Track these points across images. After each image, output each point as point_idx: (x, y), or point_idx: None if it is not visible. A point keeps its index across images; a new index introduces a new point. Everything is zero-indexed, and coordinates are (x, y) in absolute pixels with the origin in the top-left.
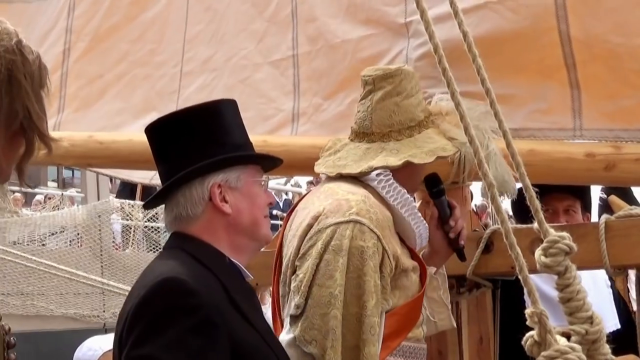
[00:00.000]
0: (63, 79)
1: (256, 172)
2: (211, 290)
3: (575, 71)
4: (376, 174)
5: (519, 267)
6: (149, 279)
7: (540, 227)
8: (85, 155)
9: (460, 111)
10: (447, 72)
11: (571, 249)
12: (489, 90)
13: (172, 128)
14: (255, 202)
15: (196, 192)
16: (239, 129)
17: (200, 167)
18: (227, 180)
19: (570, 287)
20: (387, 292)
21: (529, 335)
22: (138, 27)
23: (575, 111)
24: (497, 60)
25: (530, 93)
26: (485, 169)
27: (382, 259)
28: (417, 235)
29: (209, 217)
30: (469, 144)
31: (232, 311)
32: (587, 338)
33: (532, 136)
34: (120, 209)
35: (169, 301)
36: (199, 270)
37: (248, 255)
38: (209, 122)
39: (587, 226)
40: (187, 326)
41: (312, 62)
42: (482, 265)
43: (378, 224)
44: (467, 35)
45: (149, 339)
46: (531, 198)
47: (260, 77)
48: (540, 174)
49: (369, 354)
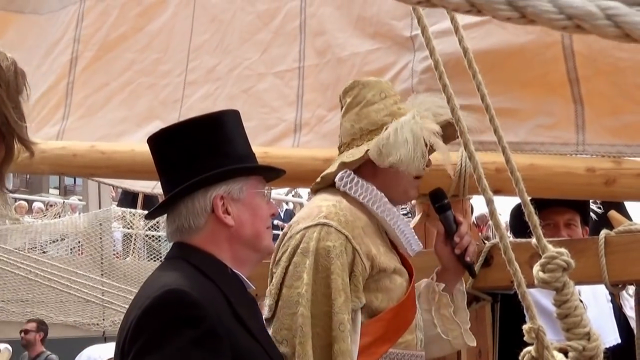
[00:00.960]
0: (69, 88)
1: (259, 183)
2: (214, 301)
3: (578, 86)
4: (339, 178)
5: (518, 283)
6: (153, 290)
7: (538, 243)
8: (87, 165)
9: (460, 127)
10: (447, 89)
11: (569, 265)
12: (488, 107)
13: (174, 139)
14: (258, 213)
15: (199, 204)
16: (242, 140)
17: (203, 179)
18: (230, 192)
19: (568, 303)
20: (358, 290)
21: (526, 351)
22: (144, 37)
23: (579, 126)
24: (502, 74)
25: (534, 107)
26: (484, 184)
27: (353, 259)
28: (398, 233)
29: (212, 228)
30: (469, 160)
31: (234, 322)
32: (585, 354)
33: (534, 150)
34: (121, 218)
35: (172, 313)
36: (202, 282)
37: (250, 266)
38: (212, 132)
39: (586, 241)
40: (190, 338)
41: (318, 74)
42: (481, 278)
43: (347, 225)
44: (467, 51)
45: (152, 350)
46: (530, 214)
47: (263, 87)
48: (541, 188)
49: (339, 351)
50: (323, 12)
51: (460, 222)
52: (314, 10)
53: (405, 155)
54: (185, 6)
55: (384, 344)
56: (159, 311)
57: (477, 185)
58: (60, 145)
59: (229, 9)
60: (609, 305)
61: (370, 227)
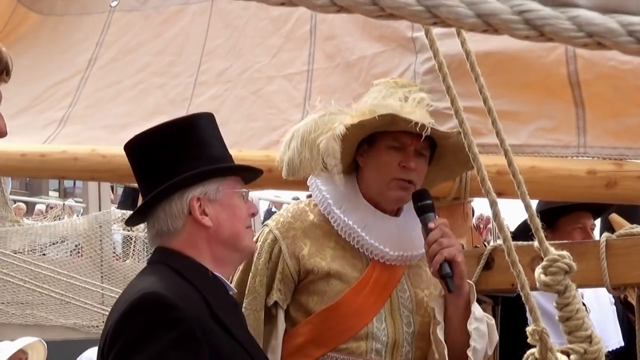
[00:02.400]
0: (82, 82)
1: (236, 183)
2: (192, 303)
3: (579, 89)
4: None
5: (521, 285)
6: (131, 294)
7: (540, 246)
8: (88, 169)
9: (464, 129)
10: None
11: (571, 267)
12: (491, 109)
13: (148, 144)
14: (236, 213)
15: (176, 207)
16: (217, 142)
17: (178, 182)
18: (206, 193)
19: (569, 306)
20: (280, 288)
21: (529, 353)
22: (162, 42)
23: (580, 129)
24: (503, 77)
25: (535, 110)
26: (487, 186)
27: (278, 258)
28: (349, 240)
29: (190, 230)
30: (472, 161)
31: (213, 324)
32: (586, 357)
33: (535, 153)
34: (121, 220)
35: (149, 316)
36: (180, 285)
37: (231, 267)
38: (185, 136)
39: (587, 244)
40: (167, 340)
41: (327, 77)
42: (482, 281)
43: (282, 226)
44: (470, 54)
45: (130, 353)
46: (531, 217)
47: (272, 90)
48: (542, 191)
49: None
50: (334, 17)
51: (430, 228)
52: (325, 15)
53: (291, 160)
54: (202, 14)
55: (318, 348)
56: (136, 314)
57: (481, 187)
58: (61, 150)
59: (243, 15)
60: (612, 308)
61: (320, 229)
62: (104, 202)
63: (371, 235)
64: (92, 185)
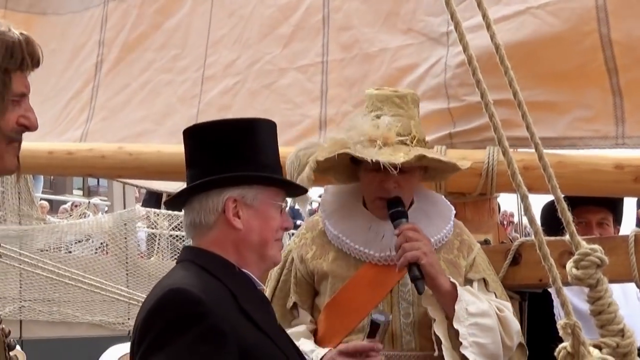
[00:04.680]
0: (94, 92)
1: (276, 195)
2: (218, 298)
3: (617, 76)
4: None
5: (553, 279)
6: (158, 291)
7: (572, 239)
8: (115, 166)
9: (494, 123)
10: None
11: (603, 261)
12: (520, 103)
13: (205, 136)
14: (269, 223)
15: (212, 202)
16: (270, 150)
17: (218, 180)
18: (244, 196)
19: (601, 299)
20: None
21: (562, 347)
22: (163, 35)
23: (618, 118)
24: (537, 66)
25: (572, 100)
26: (518, 180)
27: (291, 266)
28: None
29: (220, 228)
30: (503, 155)
31: (241, 318)
32: (618, 351)
33: (573, 145)
34: (145, 218)
35: (176, 311)
36: (207, 280)
37: (257, 270)
38: (241, 137)
39: (616, 239)
40: (194, 335)
41: (343, 69)
42: (509, 277)
43: (298, 235)
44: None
45: (157, 348)
46: (563, 210)
47: (286, 83)
48: (569, 185)
49: None
50: (349, 7)
51: (395, 234)
52: (339, 4)
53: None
54: (202, 1)
55: (327, 343)
56: (163, 310)
57: (512, 180)
58: (88, 147)
59: (248, 3)
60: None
61: (325, 237)
62: (129, 200)
63: (357, 241)
64: (117, 183)
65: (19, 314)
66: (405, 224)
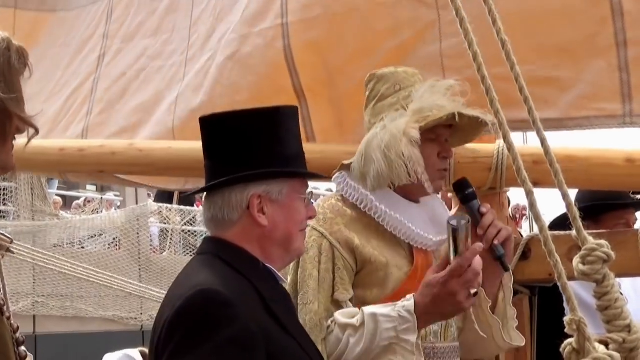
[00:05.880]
0: (95, 84)
1: (301, 186)
2: (247, 299)
3: (625, 50)
4: (334, 179)
5: (558, 274)
6: (185, 289)
7: (578, 235)
8: (126, 162)
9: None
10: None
11: (609, 257)
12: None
13: (225, 126)
14: (293, 216)
15: (235, 198)
16: (294, 139)
17: (243, 177)
18: (269, 192)
19: (608, 295)
20: (345, 282)
21: (567, 343)
22: (156, 20)
23: (625, 96)
24: (540, 38)
25: (575, 75)
26: (524, 176)
27: (332, 253)
28: (392, 230)
29: (245, 224)
30: (508, 151)
31: (268, 319)
32: (625, 346)
33: (579, 126)
34: (158, 213)
35: (206, 313)
36: (234, 278)
37: (280, 264)
38: (263, 128)
39: (626, 233)
40: (224, 337)
41: (307, 32)
42: (519, 271)
43: (325, 222)
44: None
45: (186, 350)
46: (569, 205)
47: (247, 51)
48: (579, 180)
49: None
50: None
51: (483, 212)
52: None
53: (378, 172)
54: None
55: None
56: (192, 311)
57: (517, 176)
58: (99, 144)
59: None
60: None
61: (360, 222)
62: (141, 196)
63: (415, 225)
64: None
65: (33, 309)
66: (484, 203)
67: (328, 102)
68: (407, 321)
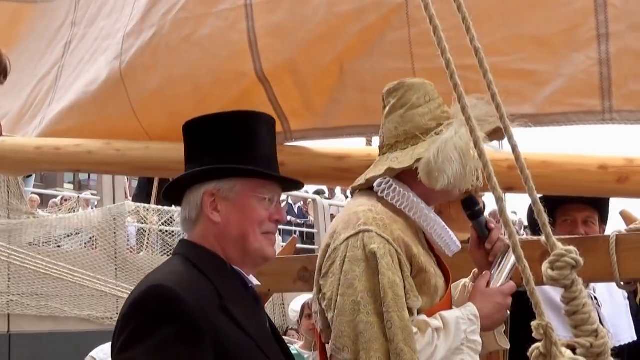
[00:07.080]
0: (59, 72)
1: (260, 187)
2: (199, 296)
3: (607, 44)
4: (378, 184)
5: (526, 280)
6: (143, 285)
7: (547, 241)
8: (102, 162)
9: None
10: (442, 42)
11: (578, 262)
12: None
13: (197, 129)
14: (248, 215)
15: (193, 198)
16: (260, 143)
17: (192, 174)
18: (220, 190)
19: (576, 300)
20: (414, 289)
21: (534, 347)
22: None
23: (604, 91)
24: (518, 28)
25: (552, 69)
26: (494, 182)
27: (399, 260)
28: (436, 237)
29: (203, 223)
30: (479, 157)
31: (222, 317)
32: (592, 351)
33: (555, 122)
34: (135, 212)
35: (153, 308)
36: (193, 276)
37: (245, 267)
38: (230, 130)
39: (597, 239)
40: (170, 332)
41: (272, 14)
42: None
43: (386, 229)
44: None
45: (132, 344)
46: (539, 212)
47: (205, 33)
48: (553, 185)
49: (393, 350)
50: None
51: (491, 228)
52: None
53: (454, 174)
54: None
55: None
56: (142, 306)
57: (487, 182)
58: (75, 143)
59: None
60: (625, 303)
61: (408, 229)
62: (118, 195)
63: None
64: (107, 178)
65: (7, 308)
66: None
67: (294, 85)
68: (473, 324)
